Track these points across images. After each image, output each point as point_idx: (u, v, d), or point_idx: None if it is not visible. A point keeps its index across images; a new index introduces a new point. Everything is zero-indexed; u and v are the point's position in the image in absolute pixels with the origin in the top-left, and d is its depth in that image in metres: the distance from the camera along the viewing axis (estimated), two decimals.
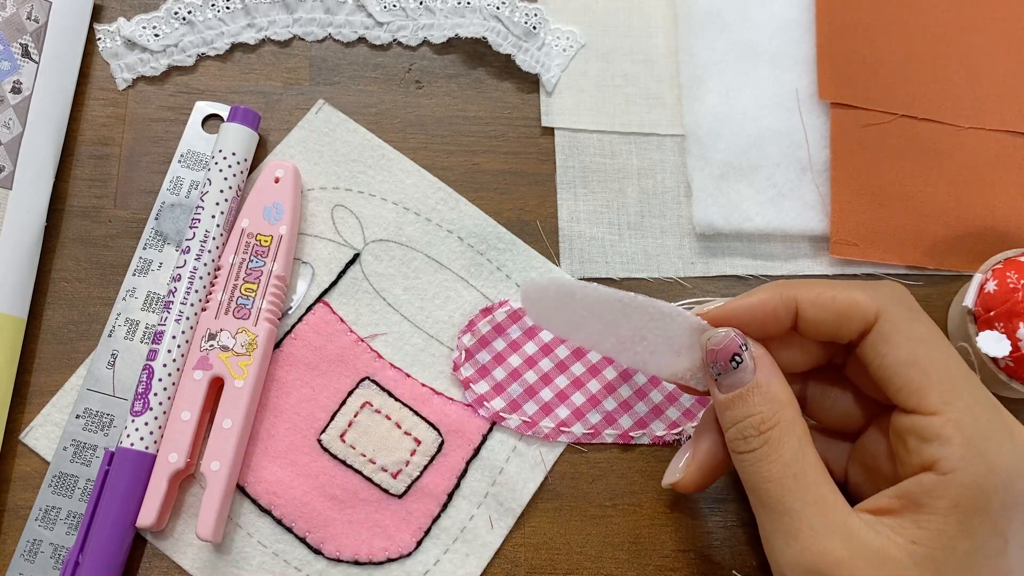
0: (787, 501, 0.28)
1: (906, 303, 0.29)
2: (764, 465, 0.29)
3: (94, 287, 0.39)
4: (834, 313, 0.29)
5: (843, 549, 0.27)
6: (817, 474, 0.28)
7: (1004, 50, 0.44)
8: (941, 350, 0.28)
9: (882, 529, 0.27)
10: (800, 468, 0.28)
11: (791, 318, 0.30)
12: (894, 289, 0.29)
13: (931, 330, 0.28)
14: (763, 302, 0.30)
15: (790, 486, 0.28)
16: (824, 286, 0.30)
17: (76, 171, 0.41)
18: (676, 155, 0.43)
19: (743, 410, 0.30)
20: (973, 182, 0.42)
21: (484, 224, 0.41)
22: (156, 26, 0.42)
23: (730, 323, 0.30)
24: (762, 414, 0.29)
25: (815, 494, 0.28)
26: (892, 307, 0.28)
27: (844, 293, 0.29)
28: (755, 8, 0.44)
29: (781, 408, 0.29)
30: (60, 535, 0.35)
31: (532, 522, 0.37)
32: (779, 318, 0.30)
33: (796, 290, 0.30)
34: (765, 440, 0.29)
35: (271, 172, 0.39)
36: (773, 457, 0.29)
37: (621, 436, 0.38)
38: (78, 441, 0.36)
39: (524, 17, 0.42)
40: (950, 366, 0.27)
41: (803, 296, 0.30)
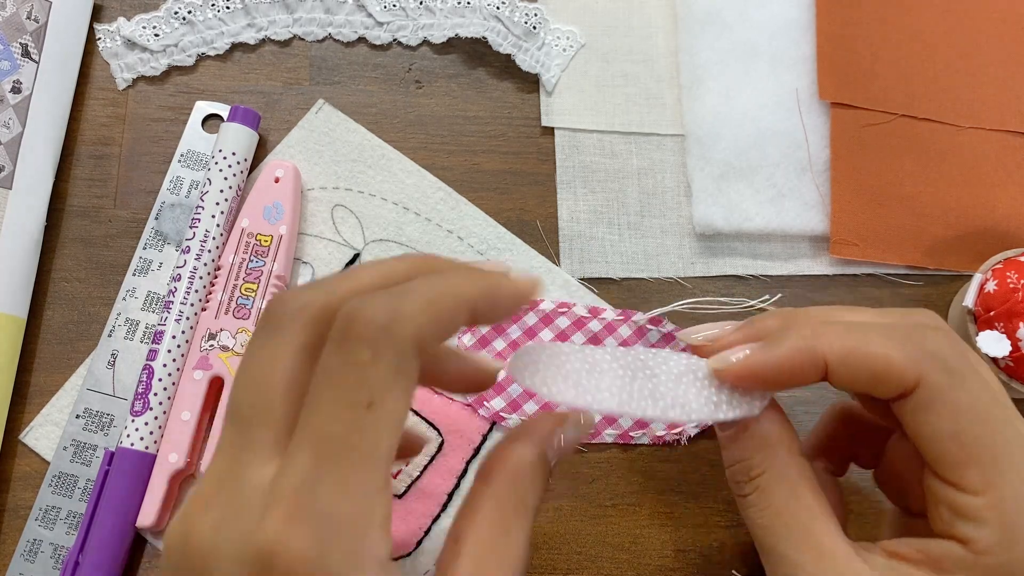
0: (780, 548, 0.27)
1: (951, 363, 0.25)
2: (756, 512, 0.28)
3: (94, 287, 0.39)
4: (868, 375, 0.26)
5: None
6: (812, 519, 0.26)
7: (1004, 50, 0.44)
8: (990, 421, 0.25)
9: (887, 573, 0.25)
10: (792, 515, 0.27)
11: (820, 375, 0.27)
12: (937, 346, 0.26)
13: (980, 398, 0.25)
14: (789, 360, 0.26)
15: (782, 533, 0.27)
16: (857, 337, 0.26)
17: (76, 171, 0.41)
18: (676, 155, 0.43)
19: (734, 454, 0.28)
20: (973, 182, 0.42)
21: (484, 224, 0.41)
22: (156, 26, 0.42)
23: (752, 383, 0.27)
24: (751, 460, 0.28)
25: (809, 541, 0.26)
26: (934, 373, 0.25)
27: (880, 350, 0.25)
28: (755, 8, 0.44)
29: (771, 453, 0.27)
30: (60, 535, 0.35)
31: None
32: (806, 376, 0.27)
33: (826, 344, 0.26)
34: (755, 487, 0.28)
35: (271, 172, 0.39)
36: (763, 504, 0.27)
37: (621, 436, 0.38)
38: (78, 441, 0.36)
39: (524, 17, 0.42)
40: (996, 441, 0.25)
41: (833, 353, 0.26)
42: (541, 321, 0.39)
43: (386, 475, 0.21)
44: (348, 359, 0.21)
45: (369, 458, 0.21)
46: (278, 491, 0.21)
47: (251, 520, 0.20)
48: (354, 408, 0.21)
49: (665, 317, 0.39)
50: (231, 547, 0.21)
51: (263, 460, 0.22)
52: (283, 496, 0.20)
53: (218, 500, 0.22)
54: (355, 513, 0.21)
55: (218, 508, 0.21)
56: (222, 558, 0.21)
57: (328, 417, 0.21)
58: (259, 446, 0.22)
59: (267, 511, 0.20)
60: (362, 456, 0.21)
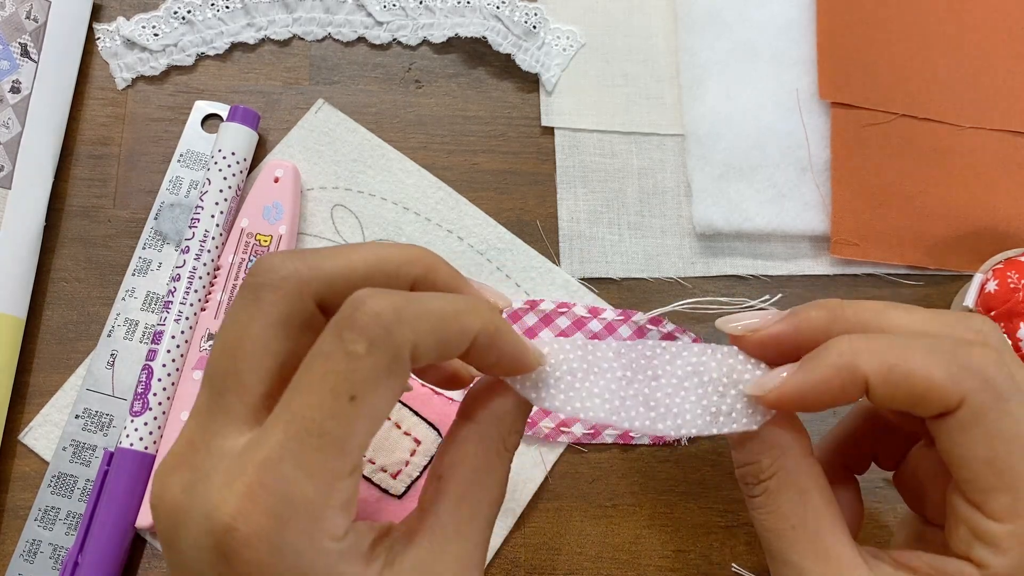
0: (786, 553, 0.26)
1: (997, 385, 0.24)
2: (764, 514, 0.27)
3: (93, 287, 0.39)
4: (909, 394, 0.24)
5: None
6: (820, 525, 0.26)
7: (1005, 50, 0.44)
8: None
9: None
10: (799, 519, 0.26)
11: (860, 394, 0.25)
12: (983, 365, 0.24)
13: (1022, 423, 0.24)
14: (828, 382, 0.25)
15: (789, 537, 0.26)
16: (898, 353, 0.24)
17: (75, 171, 0.40)
18: (676, 155, 0.43)
19: (743, 456, 0.27)
20: (974, 182, 0.42)
21: (484, 224, 0.41)
22: (155, 25, 0.42)
23: (792, 407, 0.26)
24: (760, 464, 0.27)
25: (816, 547, 0.26)
26: (978, 395, 0.24)
27: (923, 370, 0.24)
28: (755, 8, 0.44)
29: (781, 456, 0.27)
30: (59, 535, 0.35)
31: (532, 522, 0.37)
32: (847, 396, 0.25)
33: (866, 362, 0.24)
34: (764, 490, 0.27)
35: (271, 172, 0.39)
36: (771, 507, 0.27)
37: (621, 436, 0.38)
38: (77, 441, 0.36)
39: (524, 16, 0.42)
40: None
41: (874, 372, 0.24)
42: (541, 321, 0.39)
43: (355, 463, 0.22)
44: (343, 347, 0.21)
45: (339, 446, 0.21)
46: (244, 464, 0.21)
47: (216, 488, 0.21)
48: (337, 398, 0.21)
49: (665, 317, 0.39)
50: (198, 513, 0.21)
51: (233, 429, 0.23)
52: (247, 470, 0.21)
53: (188, 463, 0.22)
54: (315, 495, 0.21)
55: (188, 471, 0.22)
56: (190, 521, 0.21)
57: (309, 401, 0.21)
58: (230, 415, 0.23)
59: (231, 482, 0.21)
60: (333, 443, 0.21)
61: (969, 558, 0.24)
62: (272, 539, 0.21)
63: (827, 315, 0.26)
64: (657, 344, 0.27)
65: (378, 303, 0.21)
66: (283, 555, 0.21)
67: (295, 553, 0.21)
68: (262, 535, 0.21)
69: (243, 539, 0.21)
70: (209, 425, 0.23)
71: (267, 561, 0.21)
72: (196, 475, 0.22)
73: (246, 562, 0.21)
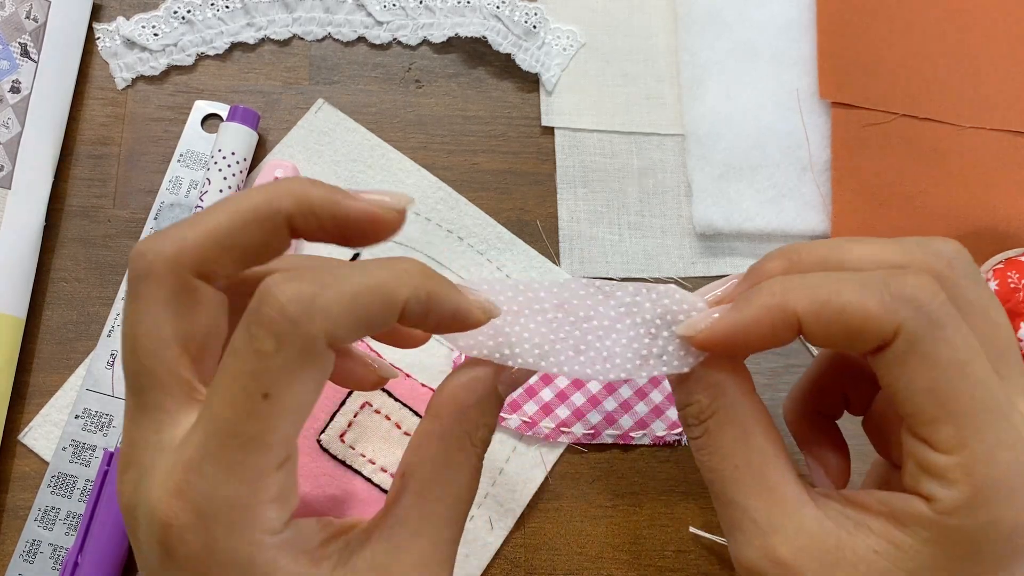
0: (729, 493, 0.25)
1: (932, 313, 0.23)
2: (706, 454, 0.26)
3: (93, 287, 0.39)
4: (843, 329, 0.23)
5: (788, 548, 0.24)
6: (764, 462, 0.25)
7: (1005, 50, 0.44)
8: (968, 377, 0.23)
9: (844, 523, 0.24)
10: (743, 458, 0.25)
11: (794, 332, 0.24)
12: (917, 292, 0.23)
13: (959, 350, 0.23)
14: (758, 321, 0.24)
15: (732, 477, 0.25)
16: (830, 289, 0.23)
17: (75, 171, 0.40)
18: (676, 155, 0.43)
19: (682, 397, 0.26)
20: (974, 182, 0.42)
21: (484, 224, 0.41)
22: (155, 25, 0.42)
23: (722, 349, 0.25)
24: (699, 403, 0.26)
25: (760, 485, 0.25)
26: (914, 322, 0.22)
27: (856, 303, 0.23)
28: (755, 8, 0.44)
29: (720, 395, 0.26)
30: (59, 535, 0.35)
31: (532, 523, 0.37)
32: (779, 335, 0.24)
33: (796, 300, 0.24)
34: (704, 430, 0.26)
35: (271, 172, 0.39)
36: (713, 447, 0.26)
37: (622, 436, 0.38)
38: (77, 441, 0.36)
39: (524, 16, 0.42)
40: (975, 397, 0.23)
41: (804, 309, 0.24)
42: None
43: (282, 457, 0.22)
44: (251, 345, 0.21)
45: (259, 443, 0.21)
46: (174, 463, 0.22)
47: (155, 486, 0.22)
48: (249, 397, 0.21)
49: None
50: (142, 509, 0.22)
51: (166, 421, 0.23)
52: (176, 470, 0.21)
53: (135, 461, 0.23)
54: (239, 493, 0.21)
55: (135, 469, 0.23)
56: (140, 517, 0.22)
57: (223, 402, 0.21)
58: (158, 409, 0.23)
59: (165, 480, 0.21)
60: (251, 442, 0.21)
61: (919, 492, 0.24)
62: (201, 535, 0.21)
63: (784, 263, 0.26)
64: (591, 283, 0.26)
65: (285, 293, 0.21)
66: (216, 550, 0.21)
67: (228, 548, 0.21)
68: (192, 531, 0.21)
69: (177, 535, 0.21)
70: (141, 423, 0.23)
71: (201, 556, 0.21)
72: (141, 472, 0.22)
73: (183, 557, 0.21)
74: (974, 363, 0.23)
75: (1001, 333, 0.25)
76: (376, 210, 0.24)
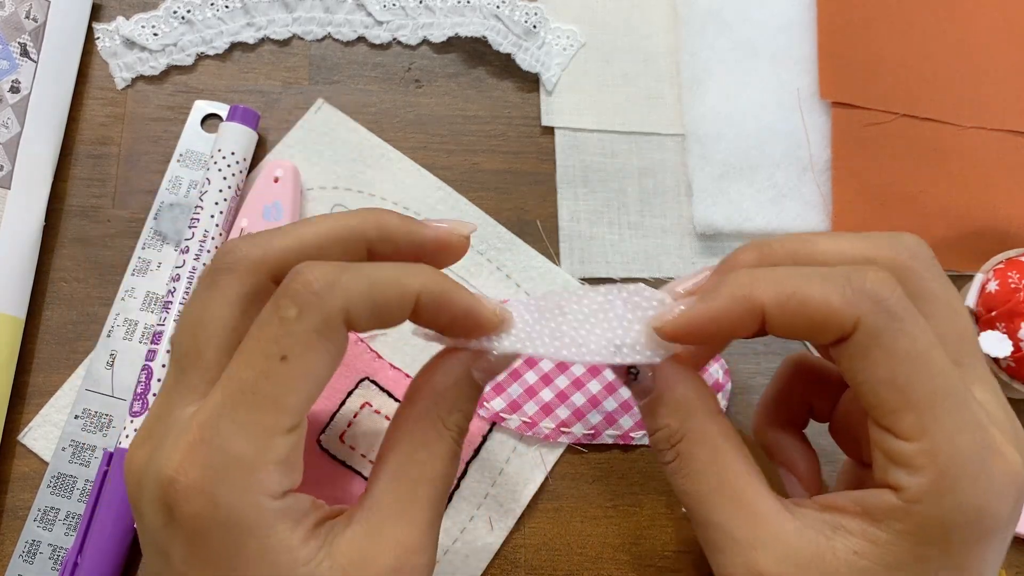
0: (707, 514, 0.26)
1: (890, 307, 0.24)
2: (680, 478, 0.27)
3: (93, 287, 0.39)
4: (805, 320, 0.24)
5: (770, 561, 0.24)
6: (738, 481, 0.26)
7: (1005, 49, 0.44)
8: (926, 366, 0.23)
9: (823, 529, 0.25)
10: (716, 479, 0.26)
11: (759, 323, 0.25)
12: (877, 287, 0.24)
13: (918, 341, 0.24)
14: (726, 311, 0.25)
15: (707, 498, 0.26)
16: (795, 282, 0.24)
17: (75, 171, 0.40)
18: (677, 155, 0.43)
19: (651, 423, 0.27)
20: (974, 182, 0.42)
21: (484, 224, 0.41)
22: (155, 25, 0.42)
23: (690, 339, 0.26)
24: (669, 427, 0.27)
25: (736, 503, 0.25)
26: (874, 316, 0.23)
27: (819, 296, 0.24)
28: (756, 7, 0.44)
29: (688, 417, 0.26)
30: (59, 536, 0.35)
31: (532, 523, 0.37)
32: (745, 326, 0.25)
33: (762, 292, 0.25)
34: (676, 453, 0.27)
35: (271, 172, 0.39)
36: (687, 471, 0.26)
37: (622, 437, 0.38)
38: (77, 441, 0.36)
39: (524, 16, 0.42)
40: (935, 385, 0.23)
41: (769, 300, 0.25)
42: None
43: (293, 422, 0.23)
44: (276, 313, 0.23)
45: (273, 403, 0.22)
46: (188, 424, 0.23)
47: (166, 449, 0.23)
48: (268, 358, 0.22)
49: None
50: (152, 474, 0.23)
51: (192, 400, 0.24)
52: (190, 430, 0.23)
53: (152, 433, 0.24)
54: (249, 450, 0.22)
55: (151, 440, 0.24)
56: (147, 482, 0.23)
57: (244, 363, 0.23)
58: (190, 388, 0.24)
59: (177, 441, 0.23)
60: (266, 400, 0.22)
61: (887, 484, 0.24)
62: (207, 491, 0.22)
63: (755, 254, 0.27)
64: (566, 289, 0.28)
65: (312, 272, 0.23)
66: (218, 507, 0.22)
67: (229, 506, 0.22)
68: (198, 487, 0.22)
69: (182, 491, 0.22)
70: (172, 399, 0.24)
71: (204, 513, 0.22)
72: (155, 443, 0.24)
73: (185, 515, 0.22)
74: (931, 353, 0.23)
75: (960, 323, 0.25)
76: (446, 236, 0.27)
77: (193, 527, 0.22)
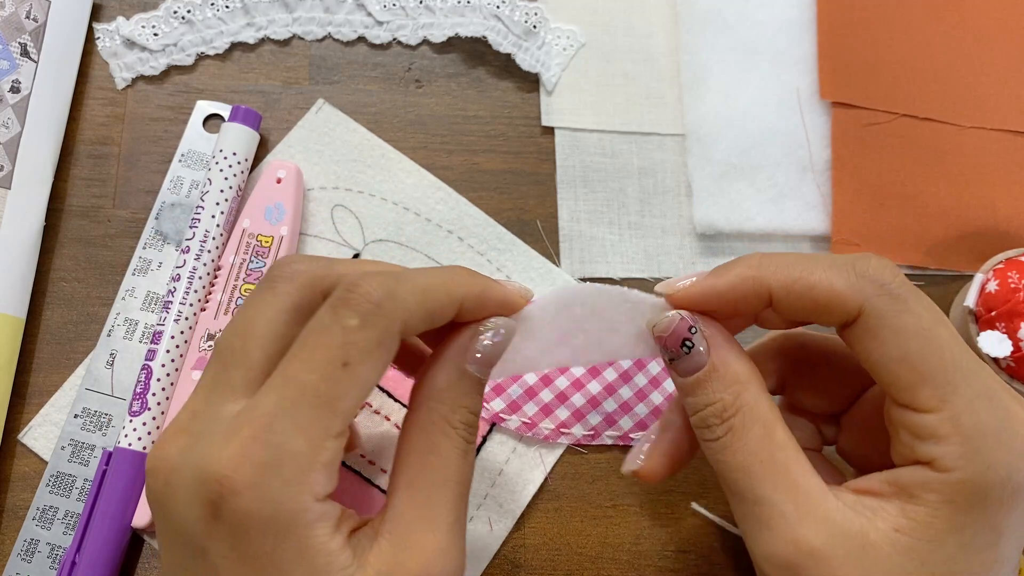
0: (756, 490, 0.26)
1: (893, 290, 0.25)
2: (730, 454, 0.27)
3: (93, 287, 0.39)
4: (812, 303, 0.26)
5: (818, 537, 0.25)
6: (787, 457, 0.26)
7: (1005, 50, 0.44)
8: (935, 341, 0.25)
9: (863, 511, 0.26)
10: (768, 453, 0.26)
11: (764, 304, 0.27)
12: (879, 272, 0.26)
13: (923, 319, 0.25)
14: (733, 287, 0.27)
15: (758, 473, 0.26)
16: (802, 268, 0.26)
17: (75, 171, 0.40)
18: (677, 155, 0.43)
19: (703, 398, 0.28)
20: (974, 182, 0.42)
21: (484, 224, 0.41)
22: (155, 25, 0.42)
23: (697, 306, 0.28)
24: (723, 401, 0.27)
25: (786, 480, 0.26)
26: (876, 299, 0.25)
27: (824, 281, 0.26)
28: (756, 7, 0.44)
29: (743, 391, 0.27)
30: (57, 535, 0.35)
31: (532, 523, 0.37)
32: (750, 303, 0.27)
33: (770, 273, 0.27)
34: (729, 428, 0.27)
35: (273, 172, 0.39)
36: (738, 445, 0.27)
37: (621, 438, 0.38)
38: (76, 441, 0.36)
39: (524, 16, 0.42)
40: (945, 358, 0.25)
41: (777, 282, 0.26)
42: None
43: (342, 427, 0.24)
44: (338, 321, 0.23)
45: (331, 408, 0.23)
46: (240, 423, 0.23)
47: (212, 446, 0.23)
48: (331, 363, 0.23)
49: None
50: (191, 470, 0.23)
51: (234, 397, 0.24)
52: (243, 427, 0.23)
53: (189, 429, 0.24)
54: (304, 451, 0.23)
55: (187, 436, 0.24)
56: (182, 477, 0.23)
57: (305, 365, 0.23)
58: (233, 387, 0.25)
59: (227, 439, 0.23)
60: (325, 404, 0.23)
61: (917, 460, 0.25)
62: (260, 488, 0.22)
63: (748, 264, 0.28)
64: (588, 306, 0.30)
65: (371, 283, 0.24)
66: (266, 503, 0.22)
67: (279, 503, 0.22)
68: (251, 483, 0.22)
69: (233, 488, 0.22)
70: (212, 397, 0.25)
71: (252, 508, 0.22)
72: (193, 439, 0.24)
73: (234, 510, 0.22)
74: (937, 329, 0.25)
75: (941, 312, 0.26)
76: (515, 298, 0.29)
77: (240, 523, 0.22)
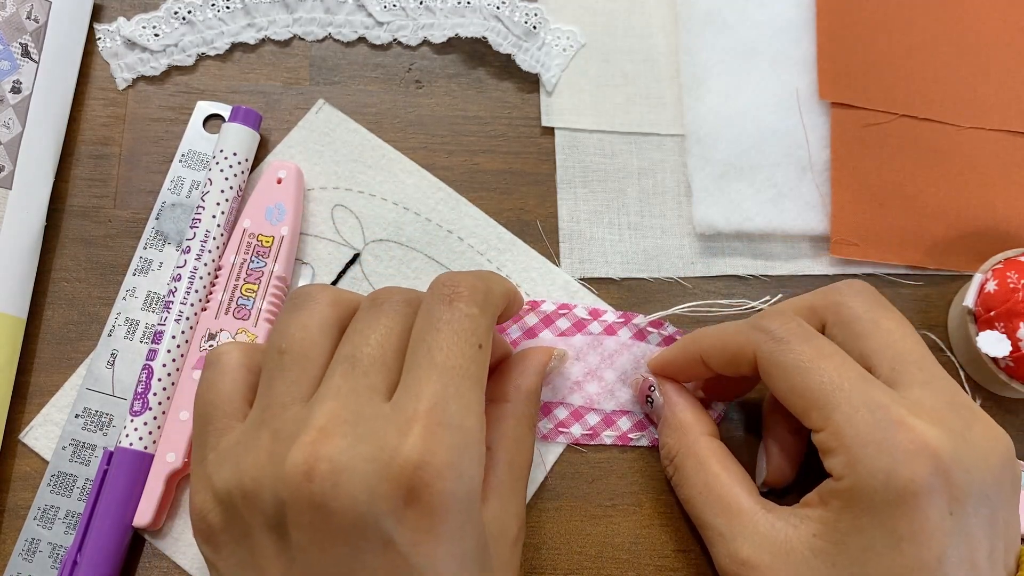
0: (700, 516, 0.32)
1: (776, 335, 0.30)
2: (680, 488, 0.34)
3: (94, 287, 0.39)
4: (729, 359, 0.32)
5: (748, 549, 0.30)
6: (720, 485, 0.32)
7: (1005, 50, 0.44)
8: (814, 372, 0.29)
9: (793, 521, 0.30)
10: (704, 483, 0.32)
11: (702, 366, 0.34)
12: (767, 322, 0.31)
13: (803, 355, 0.29)
14: (676, 359, 0.35)
15: (699, 502, 0.32)
16: (721, 333, 0.33)
17: (76, 171, 0.41)
18: (676, 155, 0.43)
19: (661, 440, 0.36)
20: (974, 182, 0.42)
21: (484, 224, 0.41)
22: (156, 26, 0.42)
23: (662, 371, 0.36)
24: (668, 445, 0.35)
25: (720, 505, 0.31)
26: (763, 345, 0.30)
27: (732, 341, 0.32)
28: (755, 8, 0.44)
29: (684, 435, 0.34)
30: (58, 534, 0.35)
31: (531, 522, 0.37)
32: (694, 368, 0.34)
33: (699, 344, 0.33)
34: (676, 467, 0.34)
35: (273, 173, 0.39)
36: (682, 479, 0.34)
37: (620, 438, 0.38)
38: (77, 440, 0.36)
39: (524, 17, 0.42)
40: (824, 383, 0.29)
41: (704, 350, 0.33)
42: (541, 322, 0.39)
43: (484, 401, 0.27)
44: (463, 312, 0.27)
45: (479, 384, 0.27)
46: (409, 416, 0.25)
47: (387, 439, 0.24)
48: (472, 347, 0.27)
49: (666, 320, 0.39)
50: (370, 464, 0.24)
51: (381, 400, 0.26)
52: (419, 417, 0.25)
53: (341, 433, 0.25)
54: (477, 427, 0.26)
55: (341, 439, 0.25)
56: (359, 474, 0.24)
57: (452, 352, 0.26)
58: (377, 391, 0.27)
59: (405, 432, 0.24)
60: (476, 382, 0.27)
61: (827, 472, 0.29)
62: (458, 467, 0.25)
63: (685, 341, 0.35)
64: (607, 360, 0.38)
65: (470, 281, 0.28)
66: (463, 482, 0.25)
67: (471, 478, 0.25)
68: (450, 464, 0.24)
69: (438, 472, 0.24)
70: (359, 400, 0.26)
71: (452, 488, 0.24)
72: (352, 440, 0.25)
73: (437, 493, 0.24)
74: (818, 362, 0.29)
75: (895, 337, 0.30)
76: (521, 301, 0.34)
77: (441, 504, 0.24)
